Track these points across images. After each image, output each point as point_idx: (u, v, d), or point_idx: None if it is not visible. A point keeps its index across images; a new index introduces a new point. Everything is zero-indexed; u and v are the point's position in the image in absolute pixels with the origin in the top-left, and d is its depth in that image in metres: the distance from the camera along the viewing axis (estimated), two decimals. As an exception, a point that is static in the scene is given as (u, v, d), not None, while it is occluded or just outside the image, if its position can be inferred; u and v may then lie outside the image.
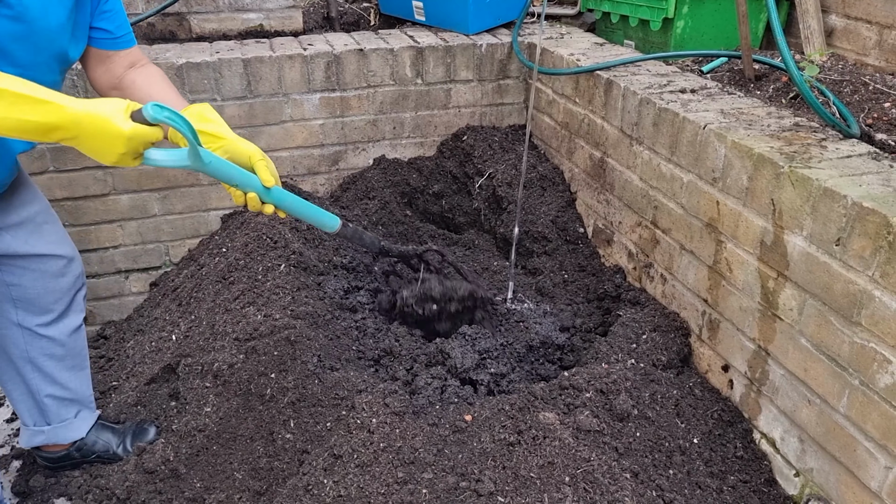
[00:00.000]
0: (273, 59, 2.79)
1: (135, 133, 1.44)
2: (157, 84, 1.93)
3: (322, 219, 2.00)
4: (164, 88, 1.92)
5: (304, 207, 1.93)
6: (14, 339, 2.05)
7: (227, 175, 1.70)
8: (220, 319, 2.44)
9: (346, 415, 2.03)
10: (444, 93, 3.04)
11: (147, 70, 1.96)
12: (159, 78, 1.95)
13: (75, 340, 2.16)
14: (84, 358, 2.22)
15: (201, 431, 2.14)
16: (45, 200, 2.07)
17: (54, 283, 2.04)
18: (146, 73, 1.94)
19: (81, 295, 2.16)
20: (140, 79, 1.92)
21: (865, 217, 1.56)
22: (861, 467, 1.65)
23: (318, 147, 2.98)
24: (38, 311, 2.04)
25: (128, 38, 1.93)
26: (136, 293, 3.00)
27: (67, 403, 2.19)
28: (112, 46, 1.89)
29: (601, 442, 1.86)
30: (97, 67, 1.92)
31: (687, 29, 2.69)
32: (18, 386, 2.12)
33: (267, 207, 1.83)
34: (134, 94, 1.88)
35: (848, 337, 1.64)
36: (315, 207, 1.98)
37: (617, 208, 2.53)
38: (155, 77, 1.94)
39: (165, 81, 1.96)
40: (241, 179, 1.74)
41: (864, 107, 2.21)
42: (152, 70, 1.97)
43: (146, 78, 1.93)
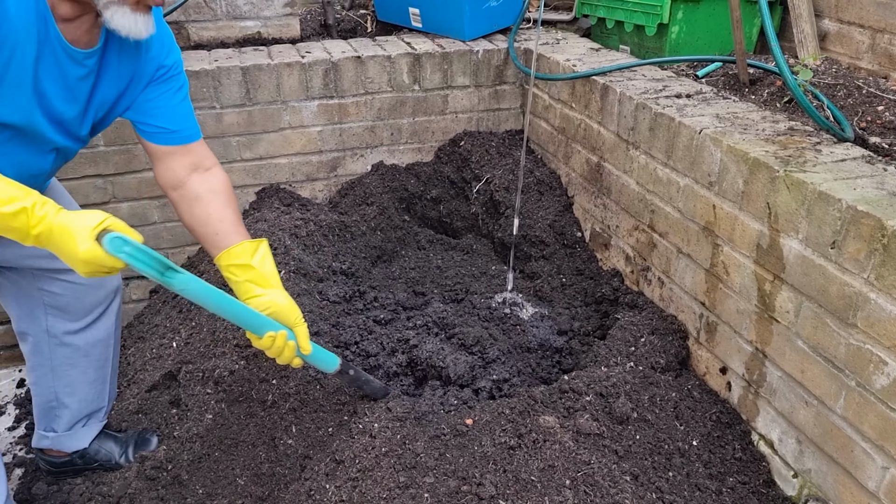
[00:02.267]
0: (271, 66, 2.81)
1: (90, 258, 1.38)
2: (216, 204, 1.83)
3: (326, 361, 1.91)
4: (223, 211, 1.82)
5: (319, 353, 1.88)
6: (40, 345, 2.07)
7: (218, 304, 1.62)
8: (220, 326, 2.45)
9: (347, 420, 2.05)
10: (442, 99, 3.06)
11: (209, 182, 1.86)
12: (222, 196, 1.85)
13: (100, 352, 2.16)
14: (106, 371, 2.22)
15: (203, 438, 2.15)
16: (75, 206, 2.06)
17: (86, 295, 2.04)
18: (207, 186, 1.84)
19: (113, 308, 2.15)
20: (201, 190, 1.83)
21: (860, 220, 1.58)
22: (858, 468, 1.67)
23: (316, 153, 3.00)
24: (67, 319, 2.04)
25: (187, 134, 1.84)
26: (137, 300, 3.01)
27: (81, 415, 2.20)
28: (169, 141, 1.82)
29: (601, 445, 1.87)
30: (157, 164, 1.85)
31: (682, 34, 2.71)
32: (39, 390, 2.14)
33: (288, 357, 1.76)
34: (192, 212, 1.82)
35: (844, 339, 1.66)
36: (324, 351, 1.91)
37: (614, 212, 2.55)
38: (215, 195, 1.84)
39: (229, 202, 1.86)
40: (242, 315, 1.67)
41: (857, 110, 2.24)
42: (217, 181, 1.87)
43: (205, 194, 1.83)
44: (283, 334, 1.71)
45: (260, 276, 1.76)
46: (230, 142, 2.86)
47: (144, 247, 1.47)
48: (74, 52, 1.58)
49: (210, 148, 2.80)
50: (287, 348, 1.73)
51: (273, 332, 1.69)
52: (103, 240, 1.39)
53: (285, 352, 1.74)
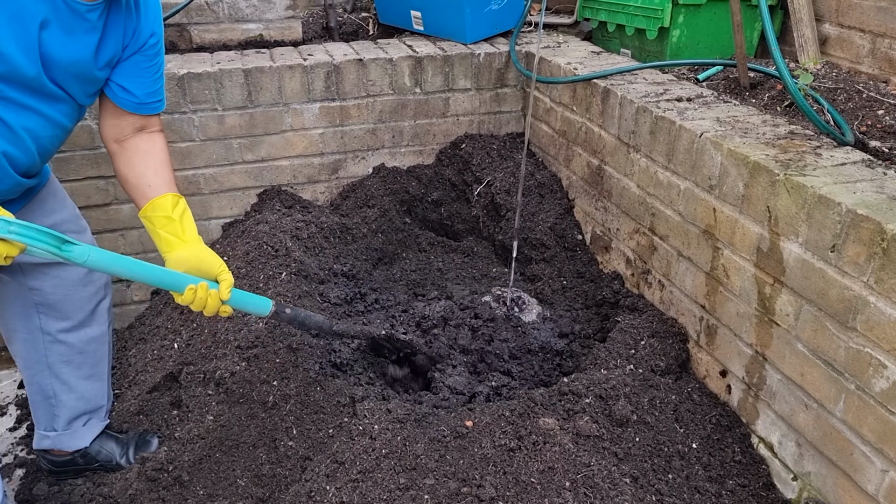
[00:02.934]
0: (273, 69, 2.82)
1: None
2: (154, 160, 1.91)
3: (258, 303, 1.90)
4: (158, 167, 1.90)
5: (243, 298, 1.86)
6: (35, 344, 2.08)
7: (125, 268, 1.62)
8: (221, 327, 2.45)
9: (348, 421, 2.05)
10: (443, 101, 3.07)
11: (152, 141, 1.94)
12: (160, 155, 1.93)
13: (95, 349, 2.17)
14: (102, 368, 2.23)
15: (203, 439, 2.15)
16: (74, 209, 2.10)
17: (75, 292, 2.06)
18: (150, 144, 1.93)
19: (105, 305, 2.18)
20: (144, 146, 1.91)
21: (860, 224, 1.58)
22: (858, 471, 1.67)
23: (317, 156, 3.01)
24: (58, 317, 2.06)
25: (154, 107, 1.93)
26: (138, 302, 3.02)
27: (79, 412, 2.21)
28: (135, 110, 1.89)
29: (601, 447, 1.88)
30: (109, 119, 1.92)
31: (682, 38, 2.72)
32: (35, 388, 2.15)
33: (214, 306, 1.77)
34: (131, 162, 1.89)
35: (844, 342, 1.67)
36: (251, 295, 1.90)
37: (615, 215, 2.56)
38: (156, 152, 1.93)
39: (164, 160, 1.93)
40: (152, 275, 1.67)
41: (857, 114, 2.24)
42: (157, 142, 1.95)
43: (148, 151, 1.91)
44: (203, 285, 1.72)
45: (180, 230, 1.81)
46: (232, 144, 2.87)
47: (31, 224, 1.48)
48: (77, 5, 1.62)
49: (212, 150, 2.85)
50: (210, 298, 1.74)
51: (193, 285, 1.71)
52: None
53: (209, 303, 1.74)
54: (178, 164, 2.82)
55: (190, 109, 2.77)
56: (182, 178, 2.84)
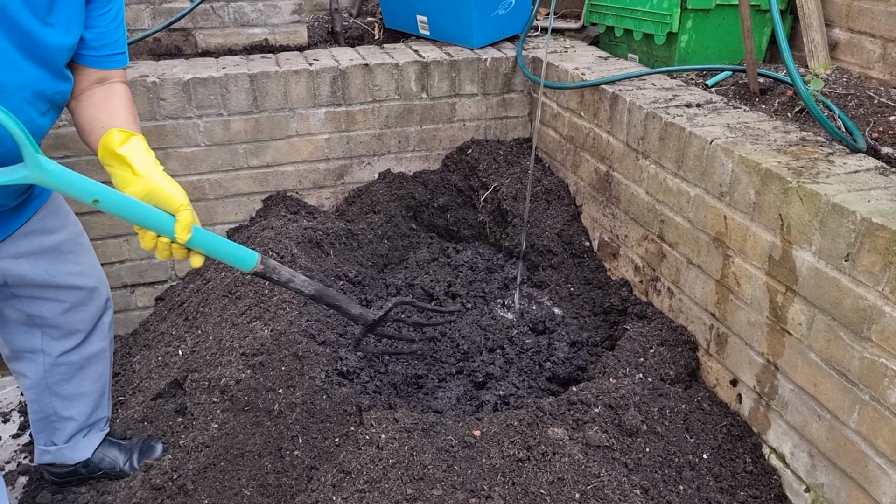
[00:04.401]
0: (279, 74, 2.81)
1: None
2: (110, 104, 1.69)
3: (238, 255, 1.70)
4: (114, 110, 1.68)
5: (221, 246, 1.66)
6: (36, 364, 2.05)
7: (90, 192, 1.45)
8: (226, 334, 2.44)
9: (354, 431, 2.03)
10: (449, 107, 3.06)
11: (111, 89, 1.73)
12: (117, 98, 1.71)
13: (95, 365, 2.14)
14: (103, 382, 2.20)
15: (208, 447, 2.13)
16: (76, 227, 2.01)
17: (73, 314, 2.01)
18: (108, 92, 1.71)
19: (106, 321, 2.14)
20: (100, 95, 1.70)
21: (875, 233, 1.56)
22: (872, 483, 1.65)
23: (323, 161, 2.99)
24: (61, 335, 2.02)
25: (115, 59, 1.73)
26: (142, 307, 3.00)
27: (78, 426, 2.18)
28: (90, 63, 1.69)
29: (611, 457, 1.86)
30: None
31: (691, 43, 2.70)
32: (35, 407, 2.13)
33: (181, 252, 1.59)
34: (85, 112, 1.68)
35: (858, 352, 1.64)
36: (231, 244, 1.69)
37: (623, 222, 2.53)
38: (113, 96, 1.71)
39: (123, 103, 1.71)
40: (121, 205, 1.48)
41: (869, 120, 2.22)
42: (117, 89, 1.74)
43: (104, 98, 1.70)
44: (163, 239, 1.54)
45: (129, 165, 1.54)
46: (237, 149, 2.86)
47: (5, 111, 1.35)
48: None
49: (217, 155, 2.83)
50: (176, 250, 1.57)
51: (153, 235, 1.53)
52: None
53: (174, 252, 1.57)
54: (182, 169, 2.81)
55: (195, 115, 2.76)
56: (187, 184, 2.83)
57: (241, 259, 1.69)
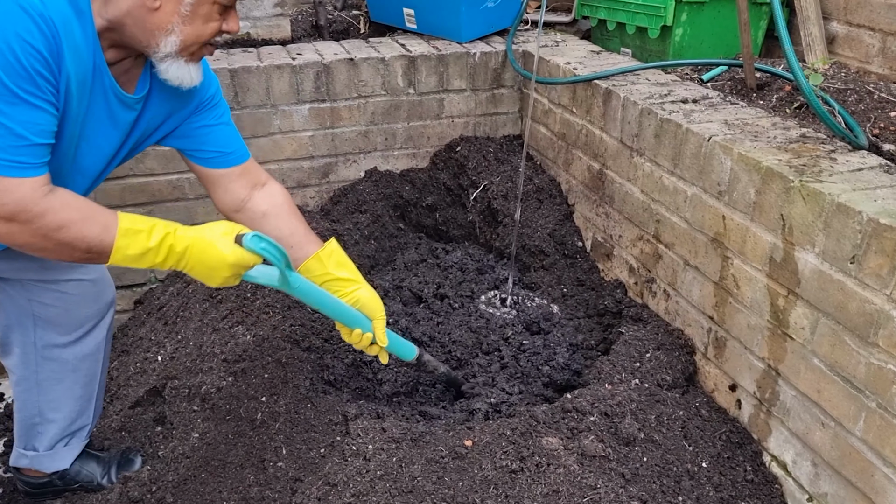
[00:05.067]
0: (261, 69, 2.71)
1: (238, 260, 1.50)
2: (284, 217, 1.89)
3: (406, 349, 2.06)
4: (293, 223, 1.90)
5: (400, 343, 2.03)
6: (27, 357, 1.96)
7: (320, 302, 1.76)
8: (207, 340, 2.35)
9: (340, 441, 1.95)
10: (437, 103, 2.97)
11: (274, 195, 1.90)
12: (288, 209, 1.92)
13: (88, 367, 2.06)
14: (93, 387, 2.11)
15: (189, 458, 2.05)
16: None
17: (77, 308, 1.95)
18: (270, 201, 1.89)
19: (105, 323, 2.06)
20: (268, 208, 1.88)
21: (882, 234, 1.50)
22: (879, 493, 1.59)
23: (307, 159, 2.90)
24: (56, 331, 1.95)
25: (238, 154, 1.85)
26: (121, 311, 2.90)
27: (61, 431, 2.10)
28: (229, 163, 1.83)
29: (607, 468, 1.79)
30: (215, 190, 1.86)
31: (686, 37, 2.63)
32: (21, 405, 2.04)
33: (374, 349, 1.94)
34: (262, 228, 1.81)
35: (864, 358, 1.58)
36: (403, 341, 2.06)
37: (617, 221, 2.46)
38: (279, 207, 1.90)
39: (294, 213, 1.93)
40: (339, 312, 1.82)
41: (869, 116, 2.16)
42: (278, 195, 1.91)
43: (271, 210, 1.88)
44: (368, 336, 1.88)
45: (340, 279, 1.89)
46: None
47: (275, 242, 1.57)
48: (127, 98, 1.59)
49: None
50: (371, 344, 1.91)
51: (360, 332, 1.86)
52: (244, 238, 1.51)
53: (370, 348, 1.93)
54: (161, 167, 2.71)
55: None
56: (166, 183, 2.73)
57: (407, 351, 2.05)
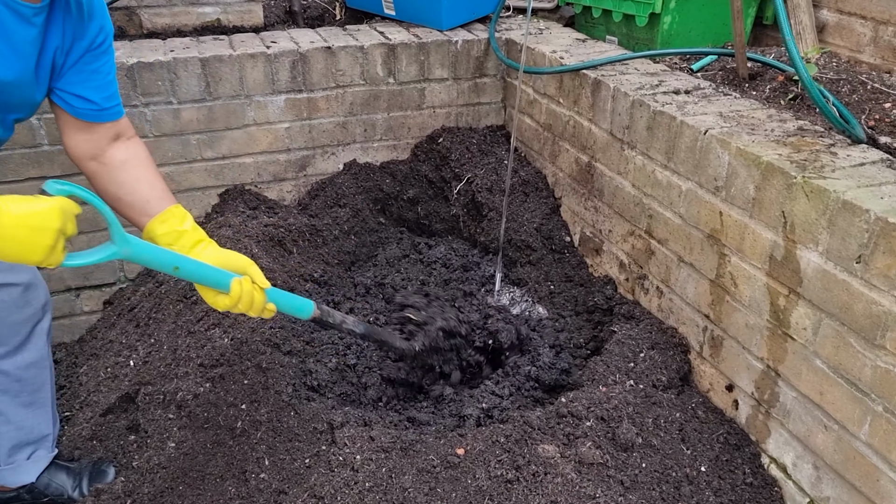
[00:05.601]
0: (233, 57, 2.59)
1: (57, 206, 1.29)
2: (143, 171, 1.78)
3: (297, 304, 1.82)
4: (151, 179, 1.77)
5: (285, 297, 1.78)
6: None
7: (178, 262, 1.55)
8: (182, 343, 2.25)
9: (326, 450, 1.86)
10: (418, 92, 2.87)
11: (133, 149, 1.80)
12: (146, 163, 1.80)
13: (34, 375, 1.95)
14: (44, 394, 2.01)
15: (165, 468, 1.96)
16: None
17: (9, 314, 1.84)
18: (132, 153, 1.79)
19: (43, 327, 1.95)
20: (125, 157, 1.77)
21: (891, 233, 1.44)
22: (885, 499, 1.55)
23: (283, 152, 2.79)
24: None
25: (116, 110, 1.77)
26: (89, 312, 2.77)
27: (20, 443, 1.99)
28: (97, 118, 1.73)
29: (606, 476, 1.73)
30: (75, 135, 1.74)
31: (674, 25, 2.56)
32: None
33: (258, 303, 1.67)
34: (118, 180, 1.75)
35: (870, 360, 1.53)
36: (292, 295, 1.83)
37: (606, 216, 2.39)
38: (141, 161, 1.79)
39: (152, 168, 1.82)
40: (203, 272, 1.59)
41: (864, 107, 2.12)
42: (139, 150, 1.82)
43: (132, 162, 1.78)
44: (247, 279, 1.63)
45: (195, 238, 1.72)
46: (189, 140, 2.63)
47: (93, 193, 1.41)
48: (23, 7, 1.47)
49: (167, 147, 2.61)
50: (256, 293, 1.64)
51: (238, 278, 1.61)
52: (45, 187, 1.31)
53: (255, 298, 1.64)
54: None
55: (141, 103, 2.53)
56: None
57: (300, 308, 1.80)
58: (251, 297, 1.63)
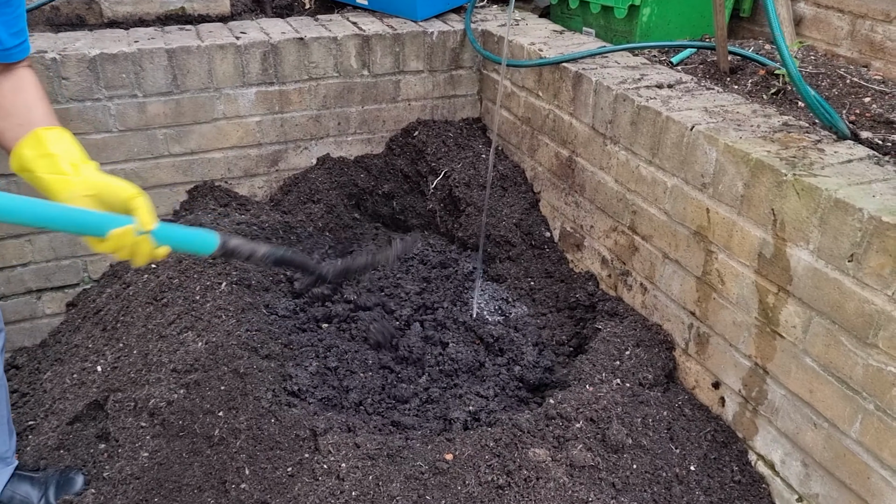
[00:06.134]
0: (202, 49, 2.48)
1: None
2: (24, 95, 1.48)
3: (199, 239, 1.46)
4: (30, 102, 1.48)
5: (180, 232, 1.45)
6: None
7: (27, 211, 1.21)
8: (153, 347, 2.16)
9: (309, 458, 1.81)
10: (393, 85, 2.80)
11: (18, 77, 1.52)
12: (30, 89, 1.51)
13: None
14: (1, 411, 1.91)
15: (138, 479, 1.88)
16: None
17: None
18: (15, 82, 1.51)
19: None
20: (8, 85, 1.49)
21: (885, 232, 1.44)
22: (876, 496, 1.55)
23: (255, 146, 2.70)
24: None
25: (22, 48, 1.52)
26: (52, 315, 2.65)
27: None
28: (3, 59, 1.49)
29: (597, 478, 1.70)
30: None
31: (653, 17, 2.53)
32: None
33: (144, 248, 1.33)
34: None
35: (862, 359, 1.53)
36: (190, 229, 1.51)
37: (588, 211, 2.36)
38: (25, 87, 1.51)
39: (37, 93, 1.52)
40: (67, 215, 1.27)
41: (844, 102, 2.11)
42: (25, 77, 1.53)
43: (14, 89, 1.49)
44: (128, 230, 1.28)
45: (63, 163, 1.37)
46: (156, 135, 2.53)
47: None
48: None
49: (133, 142, 2.50)
50: (141, 242, 1.31)
51: (117, 230, 1.27)
52: None
53: (140, 247, 1.32)
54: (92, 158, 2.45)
55: (105, 96, 2.41)
56: None
57: (200, 244, 1.44)
58: (134, 248, 1.31)
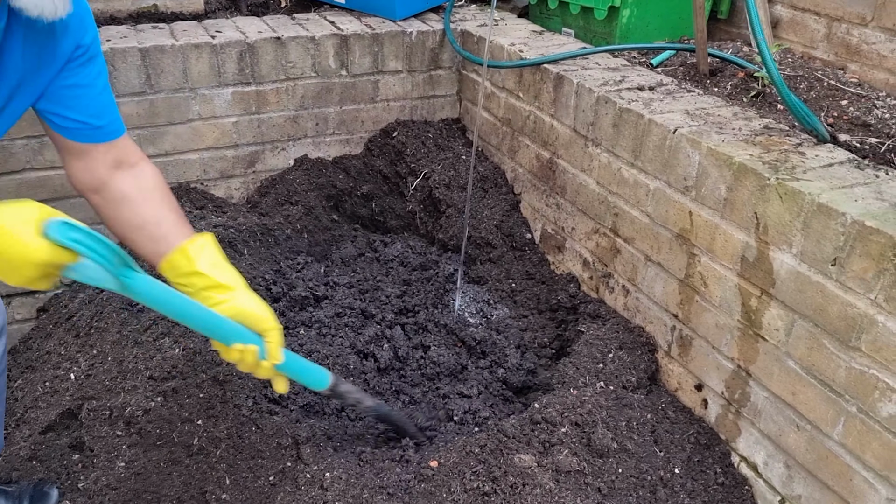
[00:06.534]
0: (176, 48, 2.43)
1: (48, 257, 1.18)
2: (149, 204, 1.54)
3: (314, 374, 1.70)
4: (158, 212, 1.54)
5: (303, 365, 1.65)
6: None
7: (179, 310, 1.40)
8: (129, 354, 2.11)
9: (292, 467, 1.78)
10: (372, 85, 2.77)
11: (141, 177, 1.57)
12: (157, 192, 1.57)
13: None
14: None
15: (115, 489, 1.85)
16: None
17: None
18: (136, 183, 1.56)
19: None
20: (130, 191, 1.54)
21: (868, 237, 1.45)
22: (858, 497, 1.56)
23: (231, 147, 2.65)
24: None
25: (111, 129, 1.55)
26: (21, 321, 2.58)
27: None
28: (91, 138, 1.51)
29: (583, 483, 1.70)
30: (73, 162, 1.54)
31: (633, 18, 2.53)
32: None
33: (265, 370, 1.53)
34: (121, 218, 1.54)
35: (844, 362, 1.54)
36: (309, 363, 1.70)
37: (569, 213, 2.36)
38: (148, 192, 1.56)
39: (165, 200, 1.57)
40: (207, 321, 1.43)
41: (821, 105, 2.13)
42: (147, 177, 1.58)
43: (137, 195, 1.54)
44: (252, 350, 1.46)
45: (214, 283, 1.47)
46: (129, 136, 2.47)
47: (96, 233, 1.25)
48: None
49: (106, 143, 2.44)
50: (263, 364, 1.51)
51: (241, 346, 1.45)
52: (48, 229, 1.17)
53: (261, 370, 1.51)
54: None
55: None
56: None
57: (314, 380, 1.68)
58: (253, 368, 1.50)
